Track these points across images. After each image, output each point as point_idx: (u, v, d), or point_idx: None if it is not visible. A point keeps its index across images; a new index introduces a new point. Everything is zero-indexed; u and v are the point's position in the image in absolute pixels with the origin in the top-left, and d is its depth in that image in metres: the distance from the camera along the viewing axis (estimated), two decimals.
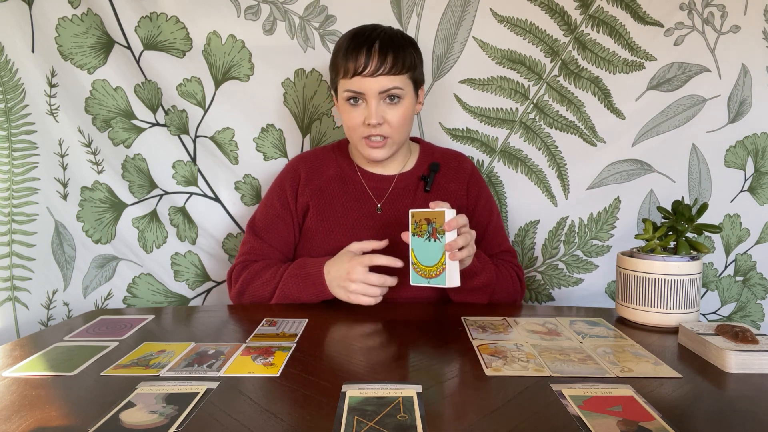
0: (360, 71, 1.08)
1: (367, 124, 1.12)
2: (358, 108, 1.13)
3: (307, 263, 1.13)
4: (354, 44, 1.10)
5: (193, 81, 1.39)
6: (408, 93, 1.13)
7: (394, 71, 1.09)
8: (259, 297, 1.16)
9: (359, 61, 1.08)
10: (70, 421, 0.64)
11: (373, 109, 1.10)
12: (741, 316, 1.48)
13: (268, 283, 1.15)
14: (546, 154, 1.42)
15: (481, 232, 1.25)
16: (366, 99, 1.11)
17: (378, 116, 1.11)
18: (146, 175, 1.43)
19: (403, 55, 1.10)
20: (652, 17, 1.34)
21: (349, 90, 1.11)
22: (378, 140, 1.14)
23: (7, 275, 1.30)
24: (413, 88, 1.15)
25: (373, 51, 1.08)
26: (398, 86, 1.10)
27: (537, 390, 0.71)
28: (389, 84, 1.09)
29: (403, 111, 1.13)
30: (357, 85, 1.10)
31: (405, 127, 1.16)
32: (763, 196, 1.42)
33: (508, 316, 1.04)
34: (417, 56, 1.16)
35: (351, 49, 1.09)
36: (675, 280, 0.96)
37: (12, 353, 0.88)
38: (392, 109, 1.12)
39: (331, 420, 0.63)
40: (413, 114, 1.18)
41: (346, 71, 1.10)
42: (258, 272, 1.17)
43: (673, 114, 1.37)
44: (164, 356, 0.84)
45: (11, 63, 1.31)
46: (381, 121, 1.12)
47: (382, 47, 1.09)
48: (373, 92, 1.10)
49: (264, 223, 1.25)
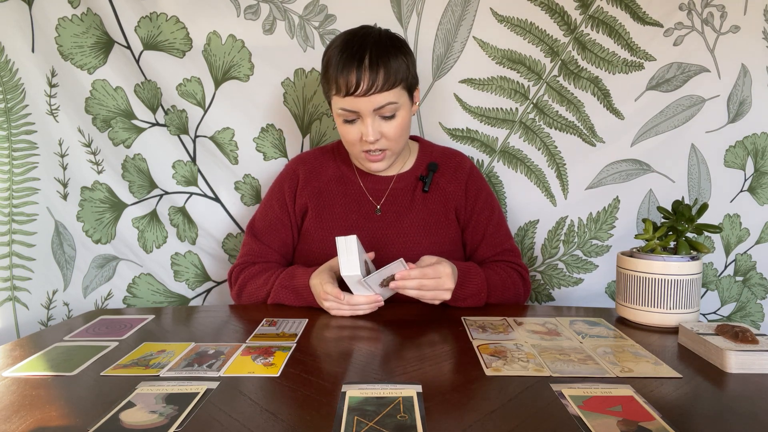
0: (352, 91, 1.05)
1: (364, 141, 1.11)
2: (354, 125, 1.11)
3: (296, 275, 1.14)
4: (344, 59, 1.06)
5: (192, 81, 1.39)
6: (403, 104, 1.11)
7: (387, 86, 1.06)
8: (255, 299, 1.19)
9: (350, 80, 1.05)
10: (70, 421, 0.64)
11: (369, 128, 1.09)
12: (741, 316, 1.48)
13: (262, 288, 1.17)
14: (545, 154, 1.42)
15: (480, 233, 1.25)
16: (361, 116, 1.10)
17: (375, 133, 1.10)
18: (146, 175, 1.43)
19: (395, 68, 1.07)
20: (651, 17, 1.34)
21: (343, 109, 1.09)
22: (377, 154, 1.14)
23: (7, 275, 1.30)
24: (408, 96, 1.13)
25: (364, 68, 1.04)
26: (392, 101, 1.08)
27: (537, 390, 0.71)
28: (383, 101, 1.07)
29: (399, 122, 1.11)
30: (350, 105, 1.08)
31: (403, 137, 1.15)
32: (763, 196, 1.42)
33: (508, 316, 1.04)
34: (409, 61, 1.12)
35: (341, 65, 1.06)
36: (675, 280, 0.96)
37: (12, 353, 0.88)
38: (388, 123, 1.10)
39: (331, 420, 0.63)
40: (410, 121, 1.17)
41: (338, 89, 1.08)
42: (254, 275, 1.20)
43: (672, 114, 1.37)
44: (164, 356, 0.84)
45: (11, 63, 1.31)
46: (378, 137, 1.11)
47: (372, 62, 1.05)
48: (367, 110, 1.08)
49: (263, 226, 1.26)
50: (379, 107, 1.08)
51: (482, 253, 1.25)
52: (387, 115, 1.10)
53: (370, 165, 1.17)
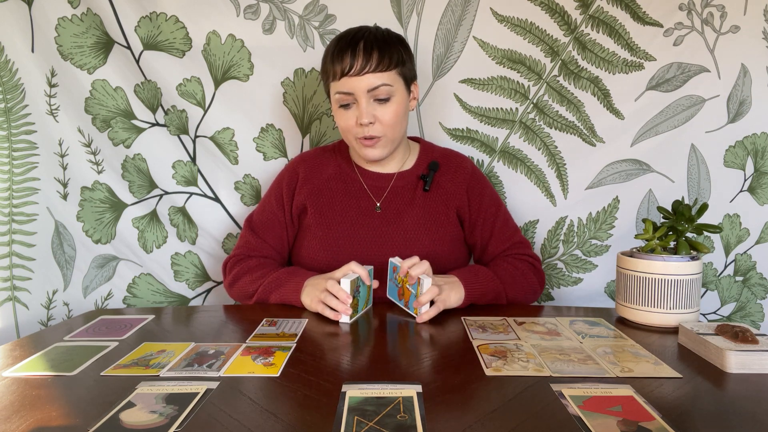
0: (347, 71, 1.09)
1: (360, 124, 1.12)
2: (349, 110, 1.14)
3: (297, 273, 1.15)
4: (340, 46, 1.11)
5: (192, 81, 1.39)
6: (398, 90, 1.13)
7: (381, 68, 1.09)
8: (245, 292, 1.19)
9: (345, 62, 1.09)
10: (70, 421, 0.64)
11: (363, 109, 1.11)
12: (741, 316, 1.48)
13: (253, 283, 1.17)
14: (545, 154, 1.42)
15: (489, 230, 1.25)
16: (356, 99, 1.11)
17: (369, 115, 1.11)
18: (146, 175, 1.43)
19: (390, 52, 1.10)
20: (651, 17, 1.34)
21: (339, 92, 1.12)
22: (371, 140, 1.15)
23: (7, 275, 1.30)
24: (404, 84, 1.15)
25: (358, 50, 1.09)
26: (386, 83, 1.10)
27: (537, 390, 0.71)
28: (377, 81, 1.10)
29: (395, 108, 1.13)
30: (345, 86, 1.10)
31: (399, 125, 1.16)
32: (762, 196, 1.42)
33: (508, 316, 1.04)
34: (405, 52, 1.15)
35: (337, 51, 1.10)
36: (675, 280, 0.96)
37: (12, 353, 0.88)
38: (383, 108, 1.12)
39: (331, 420, 0.63)
40: (407, 110, 1.18)
41: (334, 74, 1.11)
42: (249, 269, 1.20)
43: (672, 114, 1.37)
44: (164, 356, 0.84)
45: (11, 63, 1.30)
46: (372, 120, 1.12)
47: (366, 46, 1.09)
48: (361, 91, 1.10)
49: (260, 221, 1.28)
50: (374, 88, 1.10)
51: (493, 249, 1.25)
52: (382, 98, 1.11)
53: (365, 151, 1.17)
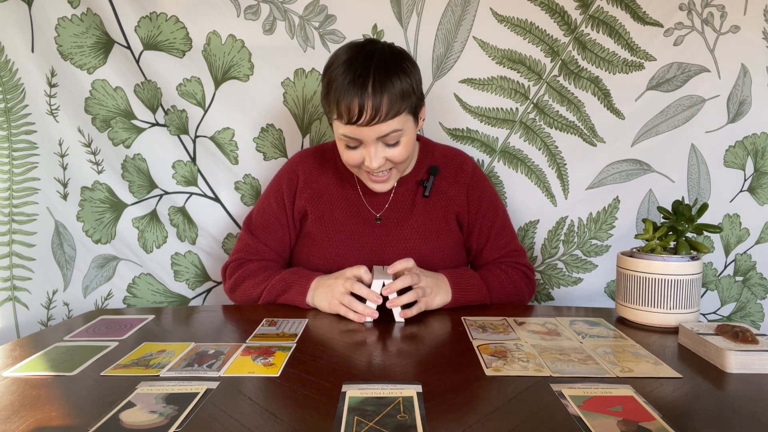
0: (354, 120, 1.00)
1: (368, 166, 1.08)
2: (356, 150, 1.08)
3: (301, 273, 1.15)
4: (347, 83, 1.00)
5: (192, 81, 1.39)
6: (408, 129, 1.07)
7: (391, 115, 1.01)
8: (248, 296, 1.18)
9: (353, 108, 0.99)
10: (70, 421, 0.64)
11: (372, 155, 1.05)
12: (741, 316, 1.48)
13: (257, 287, 1.16)
14: (546, 154, 1.42)
15: (485, 235, 1.24)
16: (364, 144, 1.06)
17: (378, 160, 1.06)
18: (146, 175, 1.43)
19: (399, 93, 1.01)
20: (651, 17, 1.34)
21: (345, 135, 1.05)
22: (382, 175, 1.12)
23: (7, 275, 1.30)
24: (413, 119, 1.09)
25: (366, 96, 0.98)
26: (396, 129, 1.04)
27: (537, 390, 0.71)
28: (387, 129, 1.03)
29: (404, 146, 1.07)
30: (353, 133, 1.03)
31: (409, 158, 1.12)
32: (762, 196, 1.42)
33: (508, 316, 1.04)
34: (414, 81, 1.05)
35: (343, 90, 1.00)
36: (675, 280, 0.96)
37: (12, 353, 0.88)
38: (393, 149, 1.07)
39: (331, 420, 0.63)
40: (415, 140, 1.14)
41: (339, 115, 1.03)
42: (251, 273, 1.19)
43: (672, 114, 1.37)
44: (164, 356, 0.84)
45: (11, 63, 1.31)
46: (382, 163, 1.07)
47: (375, 89, 0.99)
48: (370, 139, 1.04)
49: (260, 222, 1.25)
50: (383, 135, 1.04)
51: (487, 255, 1.25)
52: (391, 143, 1.06)
53: (374, 186, 1.14)
